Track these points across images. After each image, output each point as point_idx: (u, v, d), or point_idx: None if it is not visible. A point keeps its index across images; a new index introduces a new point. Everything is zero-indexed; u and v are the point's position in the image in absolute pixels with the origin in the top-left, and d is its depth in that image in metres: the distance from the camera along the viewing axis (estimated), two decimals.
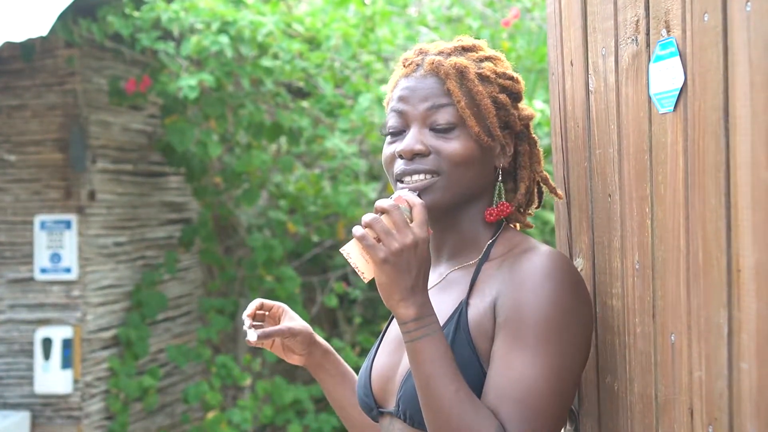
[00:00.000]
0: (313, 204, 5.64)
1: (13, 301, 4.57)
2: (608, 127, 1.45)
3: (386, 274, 1.33)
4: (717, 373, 1.13)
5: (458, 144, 1.44)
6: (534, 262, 1.37)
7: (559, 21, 1.68)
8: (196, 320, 5.49)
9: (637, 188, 1.36)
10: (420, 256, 1.33)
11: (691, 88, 1.18)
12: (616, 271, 1.45)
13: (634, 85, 1.35)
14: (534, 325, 1.33)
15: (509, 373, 1.32)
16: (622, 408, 1.44)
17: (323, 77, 4.83)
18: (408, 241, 1.32)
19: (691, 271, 1.19)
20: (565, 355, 1.33)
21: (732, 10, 1.07)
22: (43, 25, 3.95)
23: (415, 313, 1.33)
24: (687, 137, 1.19)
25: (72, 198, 4.54)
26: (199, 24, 4.46)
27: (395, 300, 1.34)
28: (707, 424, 1.16)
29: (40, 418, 4.50)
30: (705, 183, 1.14)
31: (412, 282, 1.33)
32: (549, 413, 1.31)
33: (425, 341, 1.32)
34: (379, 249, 1.32)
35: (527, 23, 5.33)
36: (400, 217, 1.34)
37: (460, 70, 1.45)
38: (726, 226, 1.10)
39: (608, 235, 1.47)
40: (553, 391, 1.32)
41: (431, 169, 1.44)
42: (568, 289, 1.35)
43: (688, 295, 1.20)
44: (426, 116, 1.46)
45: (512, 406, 1.30)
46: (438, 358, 1.32)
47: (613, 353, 1.46)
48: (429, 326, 1.33)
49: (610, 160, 1.45)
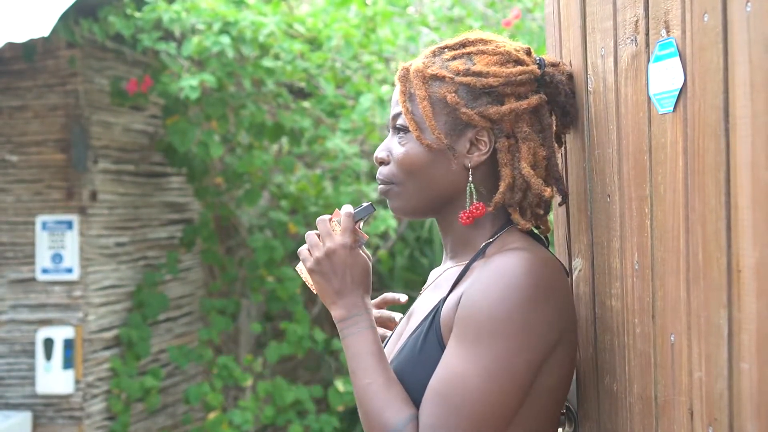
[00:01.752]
0: (314, 204, 5.64)
1: (14, 301, 4.57)
2: (607, 127, 1.45)
3: (316, 282, 1.50)
4: (717, 373, 1.13)
5: (404, 149, 1.47)
6: (501, 262, 1.36)
7: (557, 21, 1.67)
8: (198, 321, 5.49)
9: (636, 188, 1.35)
10: (341, 262, 1.47)
11: (691, 89, 1.17)
12: (615, 271, 1.44)
13: (633, 86, 1.35)
14: (476, 324, 1.32)
15: (443, 369, 1.34)
16: (622, 409, 1.43)
17: (324, 78, 4.83)
18: (326, 249, 1.47)
19: (691, 271, 1.19)
20: (505, 357, 1.30)
21: (732, 11, 1.07)
22: (45, 25, 3.95)
23: (343, 314, 1.46)
24: (687, 137, 1.19)
25: (73, 198, 4.54)
26: (201, 24, 4.46)
27: (327, 303, 1.49)
28: (707, 424, 1.15)
29: (42, 418, 4.51)
30: (705, 183, 1.14)
31: (337, 286, 1.47)
32: (472, 413, 1.30)
33: (351, 339, 1.44)
34: (307, 260, 1.50)
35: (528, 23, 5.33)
36: (323, 228, 1.49)
37: (413, 73, 1.47)
38: (726, 227, 1.10)
39: (607, 235, 1.47)
40: (482, 392, 1.30)
41: (386, 178, 1.50)
42: (525, 292, 1.32)
43: (688, 296, 1.20)
44: (392, 122, 1.51)
45: (433, 400, 1.33)
46: (359, 354, 1.42)
47: (613, 354, 1.46)
48: (356, 325, 1.45)
49: (610, 161, 1.44)
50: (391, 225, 4.91)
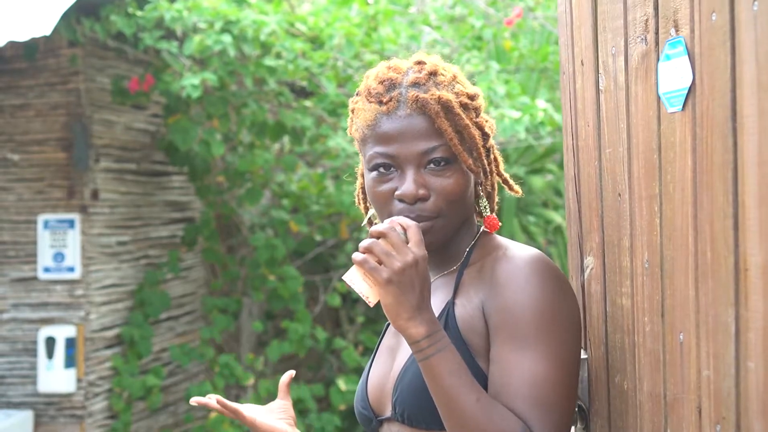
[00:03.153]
0: (315, 203, 5.64)
1: (16, 300, 4.57)
2: (618, 126, 1.45)
3: (392, 295, 1.34)
4: (724, 372, 1.13)
5: (454, 181, 1.46)
6: (513, 264, 1.42)
7: (569, 20, 1.67)
8: (199, 319, 5.50)
9: (646, 187, 1.35)
10: (422, 274, 1.36)
11: (699, 88, 1.18)
12: (625, 270, 1.45)
13: (643, 84, 1.35)
14: (529, 323, 1.37)
15: (519, 373, 1.35)
16: (632, 407, 1.44)
17: (326, 76, 4.83)
18: (409, 260, 1.34)
19: (699, 269, 1.19)
20: (564, 346, 1.37)
21: (739, 10, 1.07)
22: (47, 24, 3.95)
23: (426, 331, 1.34)
24: (695, 136, 1.19)
25: (75, 197, 4.54)
26: (202, 23, 4.46)
27: (404, 319, 1.35)
28: (715, 423, 1.16)
29: (44, 417, 4.51)
30: (713, 182, 1.14)
31: (417, 300, 1.35)
32: (563, 405, 1.36)
33: (440, 356, 1.34)
34: (382, 270, 1.34)
35: (530, 22, 5.33)
36: (398, 238, 1.36)
37: (445, 104, 1.45)
38: (733, 225, 1.10)
39: (618, 234, 1.47)
40: (562, 383, 1.36)
41: (432, 214, 1.45)
42: (551, 284, 1.40)
43: (697, 294, 1.20)
44: (422, 157, 1.45)
45: (531, 405, 1.34)
46: (455, 371, 1.34)
47: (623, 352, 1.46)
48: (441, 341, 1.35)
49: (620, 159, 1.44)
50: None
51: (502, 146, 5.40)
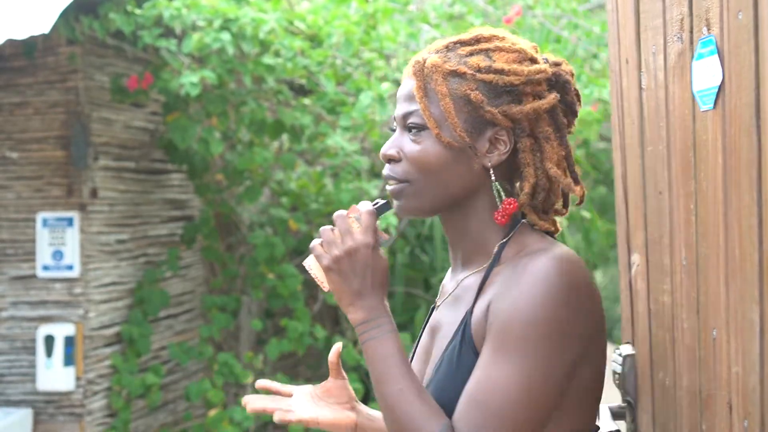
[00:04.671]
0: (314, 201, 5.63)
1: (15, 298, 4.57)
2: (658, 124, 1.45)
3: (332, 281, 1.41)
4: (751, 368, 1.13)
5: (422, 148, 1.42)
6: (533, 265, 1.33)
7: (616, 18, 1.67)
8: (198, 318, 5.49)
9: (683, 185, 1.36)
10: (362, 262, 1.39)
11: (728, 86, 1.18)
12: (666, 267, 1.45)
13: (680, 83, 1.35)
14: (515, 330, 1.30)
15: (481, 376, 1.31)
16: (672, 403, 1.44)
17: (325, 75, 4.82)
18: (346, 248, 1.39)
19: (729, 267, 1.19)
20: (544, 363, 1.30)
21: (762, 8, 1.07)
22: (45, 22, 3.95)
23: (364, 317, 1.39)
24: (725, 134, 1.19)
25: (74, 195, 4.54)
26: (201, 21, 4.46)
27: (344, 304, 1.41)
28: (743, 418, 1.16)
29: (43, 415, 4.51)
30: (740, 180, 1.15)
31: (357, 287, 1.39)
32: (512, 419, 1.28)
33: (374, 342, 1.38)
34: (323, 257, 1.41)
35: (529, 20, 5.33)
36: (343, 225, 1.41)
37: (430, 69, 1.42)
38: (758, 223, 1.10)
39: (659, 231, 1.47)
40: (522, 399, 1.29)
41: (400, 177, 1.44)
42: (560, 296, 1.31)
43: (727, 291, 1.20)
44: (404, 119, 1.45)
45: (470, 410, 1.30)
46: (385, 358, 1.36)
47: (665, 349, 1.46)
48: (378, 328, 1.38)
49: (661, 157, 1.44)
50: (391, 222, 4.91)
51: None
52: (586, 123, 4.68)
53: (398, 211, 1.47)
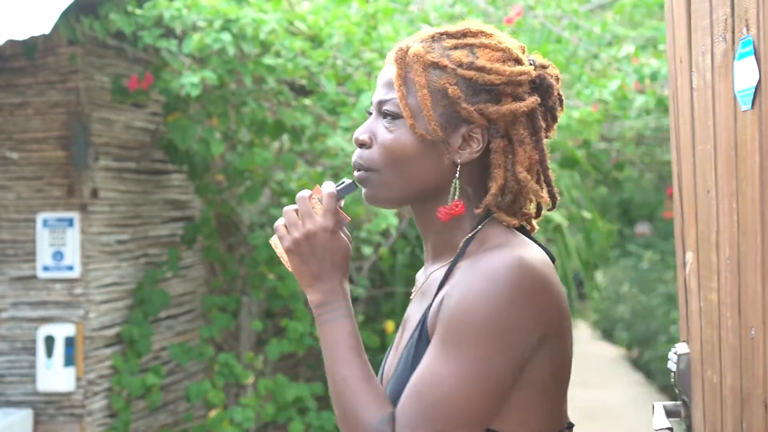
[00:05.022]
0: None
1: (15, 299, 4.57)
2: (706, 123, 1.45)
3: (293, 262, 1.42)
4: None
5: (394, 137, 1.40)
6: (484, 262, 1.32)
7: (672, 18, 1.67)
8: (199, 318, 5.49)
9: (727, 184, 1.36)
10: (321, 245, 1.40)
11: (765, 86, 1.18)
12: (713, 265, 1.46)
13: (724, 83, 1.36)
14: (458, 324, 1.29)
15: (422, 368, 1.32)
16: (719, 400, 1.44)
17: (325, 75, 4.82)
18: (305, 231, 1.40)
19: (766, 266, 1.20)
20: (485, 359, 1.28)
21: None
22: (46, 22, 3.95)
23: (320, 299, 1.40)
24: (761, 135, 1.20)
25: (74, 196, 4.54)
26: (202, 22, 4.45)
27: (304, 286, 1.42)
28: None
29: (43, 415, 4.51)
30: None
31: (316, 269, 1.40)
32: (446, 413, 1.28)
33: (329, 326, 1.39)
34: (284, 239, 1.42)
35: (530, 21, 5.33)
36: (303, 207, 1.41)
37: (412, 58, 1.40)
38: None
39: (708, 230, 1.47)
40: (457, 394, 1.28)
41: (366, 165, 1.43)
42: (507, 292, 1.29)
43: (764, 291, 1.21)
44: (379, 105, 1.44)
45: (410, 398, 1.30)
46: (337, 343, 1.37)
47: (712, 347, 1.47)
48: (334, 312, 1.39)
49: (709, 157, 1.45)
50: (392, 223, 4.91)
51: None
52: (587, 123, 4.68)
53: (366, 198, 1.46)
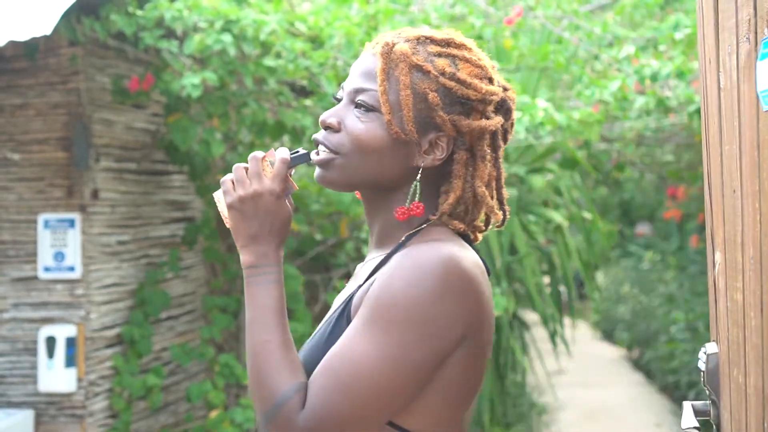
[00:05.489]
0: (315, 202, 5.64)
1: (16, 299, 4.58)
2: (732, 123, 1.47)
3: (232, 219, 1.43)
4: None
5: (366, 127, 1.42)
6: (416, 252, 1.35)
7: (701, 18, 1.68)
8: (200, 318, 5.50)
9: (751, 184, 1.38)
10: (264, 207, 1.40)
11: None
12: (739, 265, 1.47)
13: (748, 83, 1.37)
14: (383, 307, 1.31)
15: (340, 345, 1.32)
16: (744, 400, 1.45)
17: (326, 76, 4.82)
18: (251, 191, 1.41)
19: None
20: (403, 344, 1.30)
21: None
22: (47, 23, 3.95)
23: (252, 261, 1.40)
24: None
25: (75, 196, 4.54)
26: (203, 22, 4.46)
27: (239, 245, 1.42)
28: None
29: (44, 416, 4.51)
30: None
31: (254, 231, 1.40)
32: (359, 393, 1.29)
33: (256, 289, 1.38)
34: (229, 195, 1.42)
35: (530, 21, 5.33)
36: (254, 167, 1.42)
37: (399, 55, 1.42)
38: None
39: (734, 229, 1.49)
40: (373, 374, 1.29)
41: (333, 147, 1.44)
42: (434, 282, 1.31)
43: None
44: (354, 93, 1.45)
45: (324, 375, 1.30)
46: (261, 307, 1.37)
47: (738, 346, 1.48)
48: (264, 276, 1.39)
49: (734, 156, 1.46)
50: None
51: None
52: (588, 124, 4.68)
53: (319, 179, 1.47)
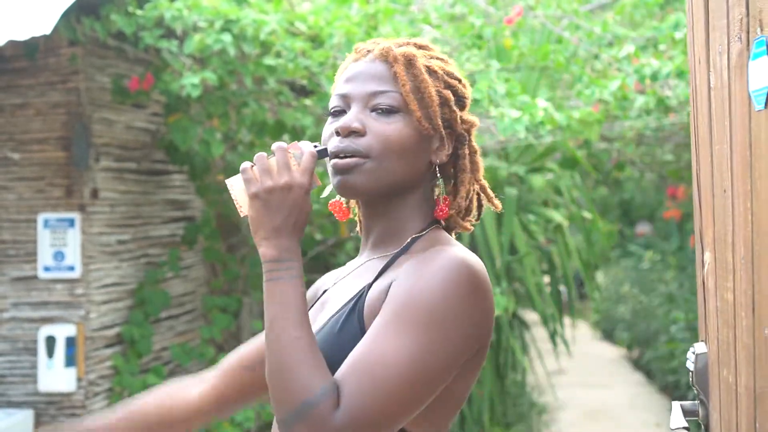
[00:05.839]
0: (315, 202, 5.64)
1: (16, 299, 4.57)
2: (723, 123, 1.47)
3: (255, 210, 1.37)
4: None
5: (395, 128, 1.41)
6: (440, 257, 1.35)
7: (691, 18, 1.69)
8: (199, 318, 5.50)
9: (742, 183, 1.38)
10: (292, 200, 1.36)
11: None
12: (729, 265, 1.47)
13: (740, 83, 1.37)
14: (414, 309, 1.31)
15: (372, 346, 1.30)
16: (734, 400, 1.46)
17: (326, 75, 4.82)
18: (281, 183, 1.36)
19: None
20: (436, 348, 1.30)
21: None
22: (47, 23, 3.95)
23: (275, 255, 1.36)
24: None
25: (75, 196, 4.54)
26: (202, 22, 4.46)
27: (260, 237, 1.37)
28: None
29: (44, 416, 4.51)
30: None
31: (279, 223, 1.36)
32: (392, 395, 1.28)
33: (279, 284, 1.34)
34: (253, 184, 1.37)
35: (530, 21, 5.33)
36: (282, 158, 1.37)
37: (409, 58, 1.45)
38: None
39: (724, 229, 1.49)
40: (406, 377, 1.28)
41: (363, 151, 1.41)
42: (461, 288, 1.33)
43: None
44: (369, 98, 1.43)
45: (357, 374, 1.28)
46: (289, 304, 1.33)
47: (728, 346, 1.49)
48: (287, 270, 1.35)
49: (725, 156, 1.47)
50: None
51: (502, 145, 5.39)
52: (587, 124, 4.68)
53: (341, 185, 1.43)
